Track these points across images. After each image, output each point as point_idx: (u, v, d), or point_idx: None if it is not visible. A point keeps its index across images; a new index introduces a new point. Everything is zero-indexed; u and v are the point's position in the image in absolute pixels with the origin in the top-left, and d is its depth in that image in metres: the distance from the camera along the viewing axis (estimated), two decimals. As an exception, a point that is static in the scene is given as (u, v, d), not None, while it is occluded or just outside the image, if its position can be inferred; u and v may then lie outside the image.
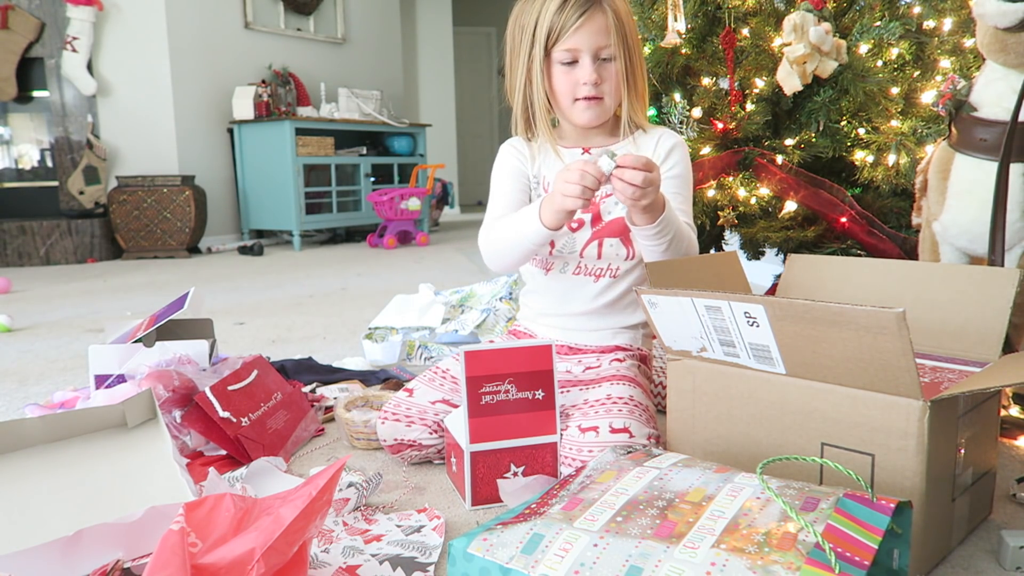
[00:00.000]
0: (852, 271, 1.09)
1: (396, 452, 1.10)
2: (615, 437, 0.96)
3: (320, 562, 0.82)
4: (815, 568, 0.56)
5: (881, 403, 0.77)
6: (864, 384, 0.77)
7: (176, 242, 4.24)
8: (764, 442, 0.88)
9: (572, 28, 1.06)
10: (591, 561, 0.61)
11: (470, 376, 0.93)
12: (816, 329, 0.76)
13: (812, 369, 0.81)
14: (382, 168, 5.25)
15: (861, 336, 0.73)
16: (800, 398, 0.84)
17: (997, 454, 0.90)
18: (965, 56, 1.57)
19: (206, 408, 1.08)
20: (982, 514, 0.89)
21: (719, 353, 0.89)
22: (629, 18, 1.09)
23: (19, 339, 2.13)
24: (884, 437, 0.77)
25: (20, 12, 4.13)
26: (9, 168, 4.46)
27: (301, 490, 0.69)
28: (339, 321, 2.27)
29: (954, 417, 0.79)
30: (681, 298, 0.87)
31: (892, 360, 0.73)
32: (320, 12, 5.41)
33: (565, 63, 1.09)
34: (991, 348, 0.93)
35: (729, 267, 1.13)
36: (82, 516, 0.80)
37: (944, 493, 0.79)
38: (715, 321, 0.86)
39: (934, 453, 0.76)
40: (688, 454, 0.95)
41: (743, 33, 1.78)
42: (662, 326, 0.93)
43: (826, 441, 0.82)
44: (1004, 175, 1.06)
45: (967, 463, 0.83)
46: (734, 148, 1.76)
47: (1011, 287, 0.91)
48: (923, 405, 0.74)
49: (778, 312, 0.78)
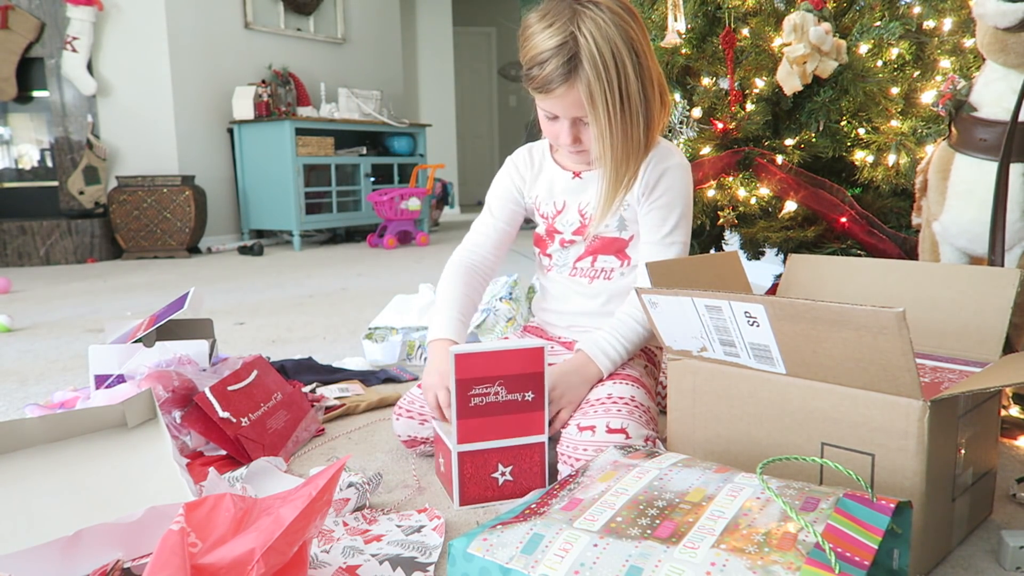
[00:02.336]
0: (853, 271, 1.09)
1: (411, 447, 1.15)
2: (611, 437, 0.96)
3: (320, 562, 0.82)
4: (815, 568, 0.56)
5: (881, 403, 0.77)
6: (864, 384, 0.77)
7: (176, 242, 4.24)
8: (764, 442, 0.88)
9: (545, 95, 0.99)
10: (591, 561, 0.61)
11: (460, 378, 0.93)
12: (816, 329, 0.76)
13: (812, 369, 0.81)
14: (382, 168, 5.25)
15: (861, 336, 0.73)
16: (800, 398, 0.83)
17: (998, 454, 0.90)
18: (965, 56, 1.57)
19: (206, 408, 1.08)
20: (982, 514, 0.89)
21: (719, 353, 0.89)
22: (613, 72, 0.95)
23: (19, 339, 2.13)
24: (884, 437, 0.77)
25: (20, 12, 4.13)
26: (9, 168, 4.46)
27: (301, 490, 0.69)
28: (339, 321, 2.27)
29: (954, 417, 0.79)
30: (681, 298, 0.87)
31: (892, 360, 0.73)
32: (320, 12, 5.41)
33: (547, 115, 1.05)
34: (992, 348, 0.93)
35: (730, 267, 1.13)
36: (82, 516, 0.80)
37: (944, 493, 0.79)
38: (715, 321, 0.86)
39: (934, 453, 0.75)
40: (688, 453, 0.95)
41: (743, 33, 1.78)
42: (662, 326, 0.93)
43: (826, 441, 0.82)
44: (1004, 175, 1.06)
45: (967, 463, 0.83)
46: (734, 148, 1.76)
47: (1011, 287, 0.91)
48: (923, 405, 0.74)
49: (778, 312, 0.78)
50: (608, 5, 0.96)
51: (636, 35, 0.97)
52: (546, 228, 1.18)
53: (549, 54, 0.95)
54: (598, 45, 0.94)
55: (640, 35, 0.99)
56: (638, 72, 0.98)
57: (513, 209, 1.20)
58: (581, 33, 0.94)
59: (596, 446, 0.96)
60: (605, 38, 0.94)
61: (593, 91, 0.95)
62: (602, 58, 0.94)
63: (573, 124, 1.02)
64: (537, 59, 0.97)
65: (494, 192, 1.21)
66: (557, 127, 1.04)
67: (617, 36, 0.95)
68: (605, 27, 0.94)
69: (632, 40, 0.97)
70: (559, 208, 1.15)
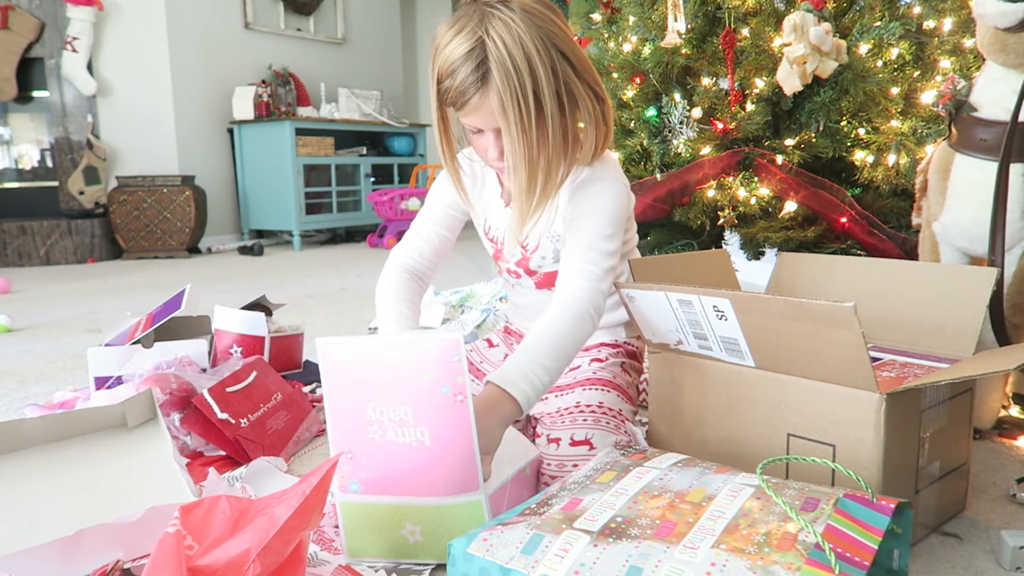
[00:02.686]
0: (839, 269, 1.10)
1: None
2: (575, 450, 0.94)
3: (320, 560, 0.82)
4: (815, 568, 0.56)
5: (840, 395, 0.80)
6: (825, 377, 0.80)
7: (176, 242, 4.24)
8: (735, 432, 0.91)
9: (462, 109, 0.90)
10: (591, 561, 0.61)
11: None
12: (777, 322, 0.79)
13: (778, 362, 0.84)
14: (382, 168, 5.25)
15: (819, 329, 0.76)
16: (768, 390, 0.86)
17: (970, 448, 0.91)
18: (965, 56, 1.57)
19: (204, 410, 1.08)
20: (955, 508, 0.90)
21: (694, 346, 0.92)
22: (526, 76, 0.85)
23: (19, 339, 2.13)
24: (844, 429, 0.80)
25: (20, 12, 4.13)
26: (9, 168, 4.45)
27: (295, 489, 0.69)
28: (339, 321, 2.27)
29: (916, 411, 0.81)
30: (655, 292, 0.89)
31: (848, 353, 0.75)
32: (320, 12, 5.41)
33: (472, 130, 0.94)
34: (966, 345, 0.94)
35: (717, 265, 1.14)
36: (82, 517, 0.80)
37: (906, 484, 0.81)
38: (688, 315, 0.88)
39: (893, 445, 0.77)
40: (667, 445, 0.99)
41: (743, 33, 1.78)
42: (641, 320, 0.96)
43: (792, 432, 0.85)
44: (1004, 175, 1.06)
45: (933, 456, 0.84)
46: (734, 148, 1.76)
47: (987, 286, 0.92)
48: (880, 398, 0.76)
49: (742, 306, 0.81)
50: (522, 4, 0.87)
51: (556, 34, 0.89)
52: (494, 252, 1.13)
53: (459, 63, 0.87)
54: (508, 47, 0.85)
55: (560, 34, 0.89)
56: (557, 73, 0.88)
57: (453, 215, 1.13)
58: (489, 36, 0.85)
59: (559, 461, 0.94)
60: (515, 39, 0.85)
61: (504, 98, 0.86)
62: (512, 61, 0.85)
63: (497, 136, 0.92)
64: (448, 70, 0.88)
65: (437, 196, 1.13)
66: (484, 142, 0.94)
67: (529, 37, 0.86)
68: (515, 27, 0.85)
69: (549, 40, 0.87)
70: (501, 240, 1.10)
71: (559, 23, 0.90)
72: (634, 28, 1.97)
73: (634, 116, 1.96)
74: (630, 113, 1.98)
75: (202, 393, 1.10)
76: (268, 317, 1.54)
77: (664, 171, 1.81)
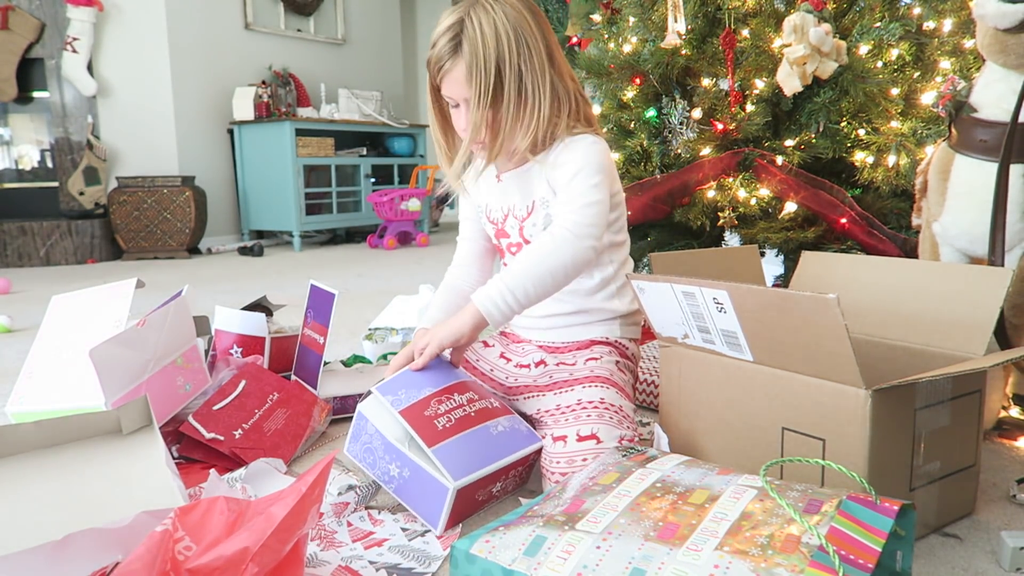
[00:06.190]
0: (861, 269, 1.11)
1: None
2: (582, 445, 0.95)
3: (319, 560, 0.82)
4: (819, 571, 0.56)
5: (830, 391, 0.81)
6: (816, 372, 0.82)
7: (176, 243, 4.24)
8: (735, 426, 0.92)
9: (442, 78, 1.03)
10: (594, 563, 0.61)
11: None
12: (769, 314, 0.81)
13: (773, 356, 0.85)
14: (382, 169, 5.25)
15: (806, 322, 0.77)
16: (765, 384, 0.88)
17: (979, 451, 0.90)
18: (965, 57, 1.57)
19: (193, 436, 1.10)
20: (961, 510, 0.90)
21: (698, 340, 0.94)
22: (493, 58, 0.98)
23: (19, 339, 2.13)
24: (833, 424, 0.81)
25: (20, 12, 4.13)
26: (9, 169, 4.45)
27: (291, 488, 0.68)
28: (339, 321, 2.27)
29: (910, 408, 0.81)
30: (662, 284, 0.91)
31: (833, 347, 0.76)
32: (320, 12, 5.41)
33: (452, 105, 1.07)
34: (977, 344, 0.94)
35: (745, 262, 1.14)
36: (75, 522, 0.78)
37: (898, 481, 0.81)
38: (692, 307, 0.90)
39: (881, 441, 0.78)
40: (674, 439, 1.01)
41: (743, 34, 1.78)
42: (651, 312, 0.97)
43: (786, 426, 0.86)
44: (1004, 176, 1.06)
45: (931, 455, 0.84)
46: (734, 149, 1.76)
47: (1002, 286, 0.92)
48: (866, 394, 0.77)
49: (738, 298, 0.83)
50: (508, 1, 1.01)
51: (531, 31, 1.01)
52: (496, 232, 1.19)
53: (440, 34, 1.02)
54: (482, 27, 0.99)
55: (535, 33, 1.01)
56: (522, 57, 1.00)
57: (475, 223, 1.24)
58: (470, 17, 1.00)
59: (568, 458, 0.94)
60: (490, 23, 0.99)
61: (470, 68, 0.99)
62: (483, 39, 0.98)
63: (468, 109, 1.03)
64: (432, 42, 1.03)
65: (461, 213, 1.26)
66: (458, 115, 1.06)
67: (503, 25, 0.99)
68: (493, 15, 0.99)
69: (525, 35, 1.00)
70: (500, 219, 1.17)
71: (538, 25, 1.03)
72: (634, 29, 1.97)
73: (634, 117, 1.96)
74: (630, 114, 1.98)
75: (188, 420, 1.11)
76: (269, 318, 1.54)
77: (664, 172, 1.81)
